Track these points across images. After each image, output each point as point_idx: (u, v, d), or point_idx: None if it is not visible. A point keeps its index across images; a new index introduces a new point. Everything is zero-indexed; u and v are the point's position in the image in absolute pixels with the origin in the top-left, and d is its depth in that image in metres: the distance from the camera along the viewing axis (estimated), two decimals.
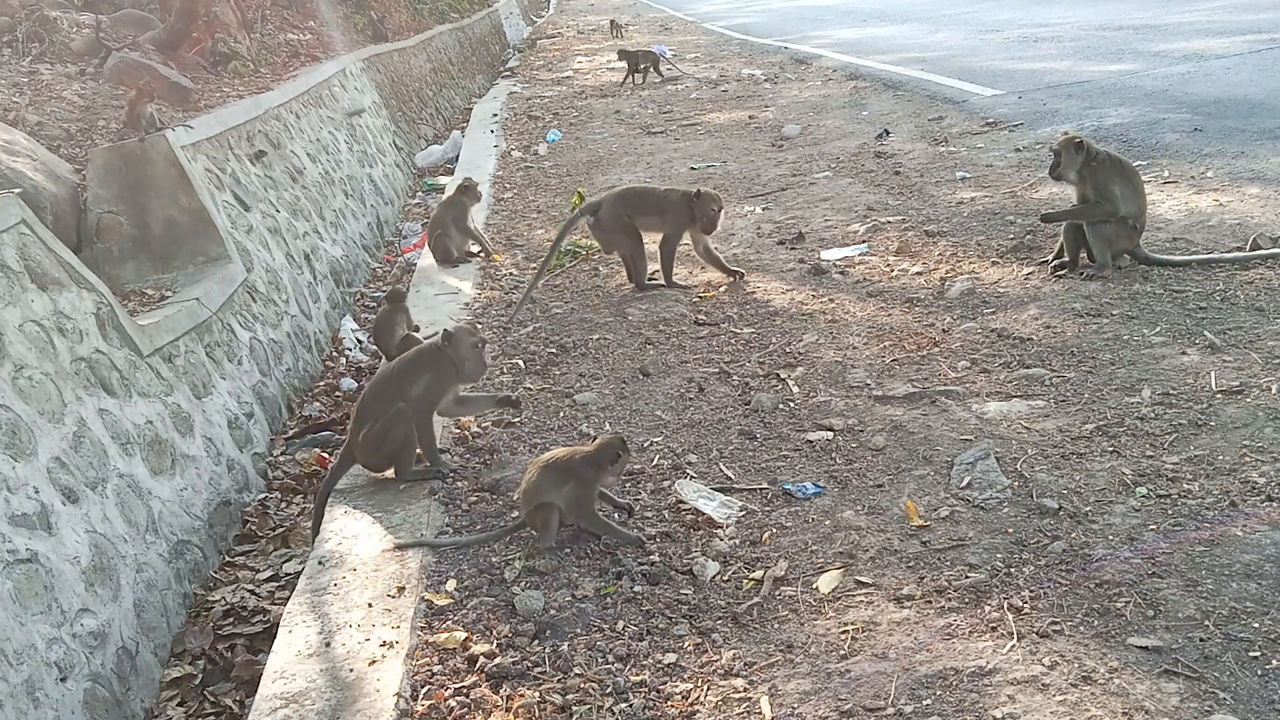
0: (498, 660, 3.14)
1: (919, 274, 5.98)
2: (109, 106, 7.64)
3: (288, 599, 3.63)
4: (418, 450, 4.20)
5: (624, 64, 15.80)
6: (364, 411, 4.14)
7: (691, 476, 4.09)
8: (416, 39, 16.84)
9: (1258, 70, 9.18)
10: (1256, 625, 2.80)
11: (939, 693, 2.76)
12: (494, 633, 3.29)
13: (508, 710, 2.93)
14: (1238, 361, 4.28)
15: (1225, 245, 5.52)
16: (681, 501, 3.88)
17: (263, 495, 5.32)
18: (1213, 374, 4.19)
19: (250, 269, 6.52)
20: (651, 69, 15.58)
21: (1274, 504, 3.30)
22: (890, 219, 7.04)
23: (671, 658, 3.08)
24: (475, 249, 7.50)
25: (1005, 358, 4.72)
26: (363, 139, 11.19)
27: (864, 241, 6.72)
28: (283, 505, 5.22)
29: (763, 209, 7.94)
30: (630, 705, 2.88)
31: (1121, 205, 5.28)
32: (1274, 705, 2.53)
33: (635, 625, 3.24)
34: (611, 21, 22.80)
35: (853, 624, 3.11)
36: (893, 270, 6.13)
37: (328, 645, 3.25)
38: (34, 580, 3.48)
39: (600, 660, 3.10)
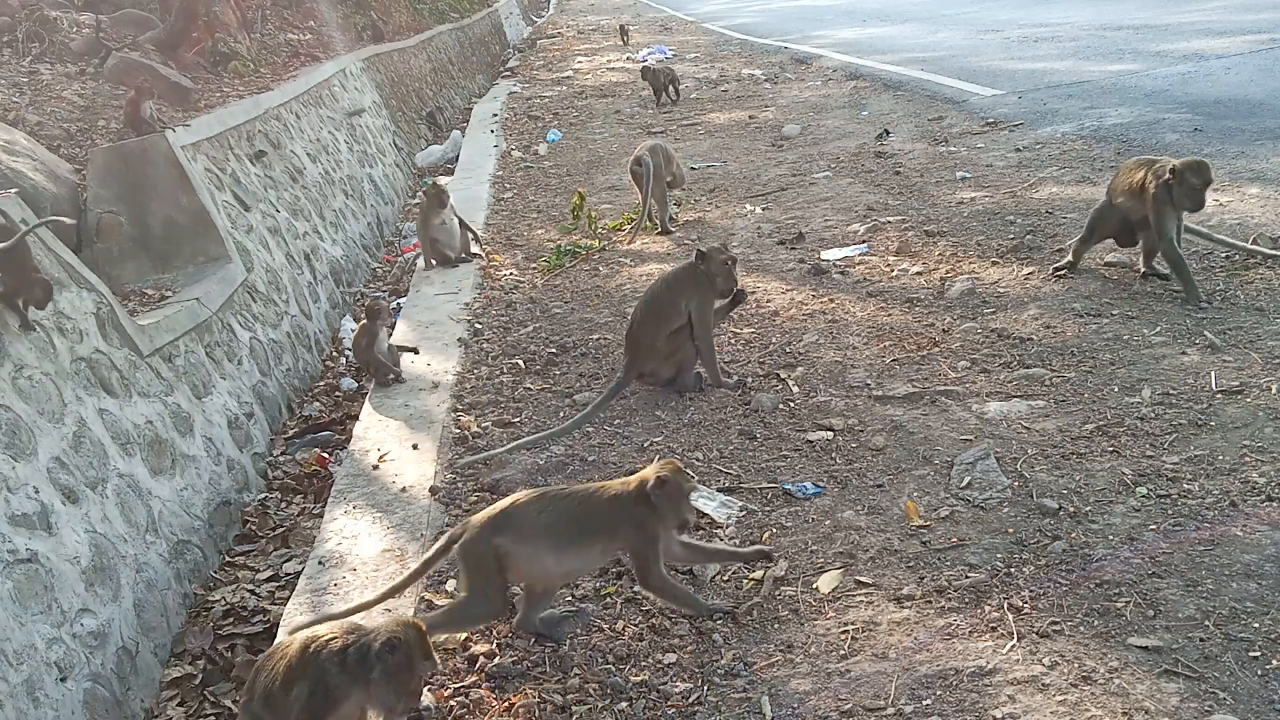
0: (498, 660, 3.15)
1: (919, 274, 5.97)
2: (109, 106, 7.64)
3: (288, 599, 3.64)
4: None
5: (649, 84, 14.82)
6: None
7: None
8: (416, 39, 16.82)
9: (1258, 70, 9.18)
10: (1256, 625, 2.80)
11: (939, 693, 2.76)
12: (494, 632, 3.29)
13: (508, 710, 2.93)
14: (1238, 361, 4.28)
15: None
16: None
17: (263, 495, 5.32)
18: (1213, 374, 4.19)
19: (250, 269, 6.52)
20: (671, 87, 14.67)
21: (1274, 504, 3.30)
22: (890, 219, 7.04)
23: (671, 658, 3.08)
24: (474, 249, 7.51)
25: (1005, 358, 4.72)
26: (363, 139, 11.19)
27: (864, 241, 6.71)
28: (283, 505, 5.22)
29: (763, 209, 7.94)
30: (630, 705, 2.88)
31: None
32: (1274, 705, 2.53)
33: (635, 625, 3.25)
34: (621, 27, 22.47)
35: (853, 624, 3.11)
36: (893, 270, 6.12)
37: None
38: (34, 580, 3.48)
39: (600, 660, 3.10)
